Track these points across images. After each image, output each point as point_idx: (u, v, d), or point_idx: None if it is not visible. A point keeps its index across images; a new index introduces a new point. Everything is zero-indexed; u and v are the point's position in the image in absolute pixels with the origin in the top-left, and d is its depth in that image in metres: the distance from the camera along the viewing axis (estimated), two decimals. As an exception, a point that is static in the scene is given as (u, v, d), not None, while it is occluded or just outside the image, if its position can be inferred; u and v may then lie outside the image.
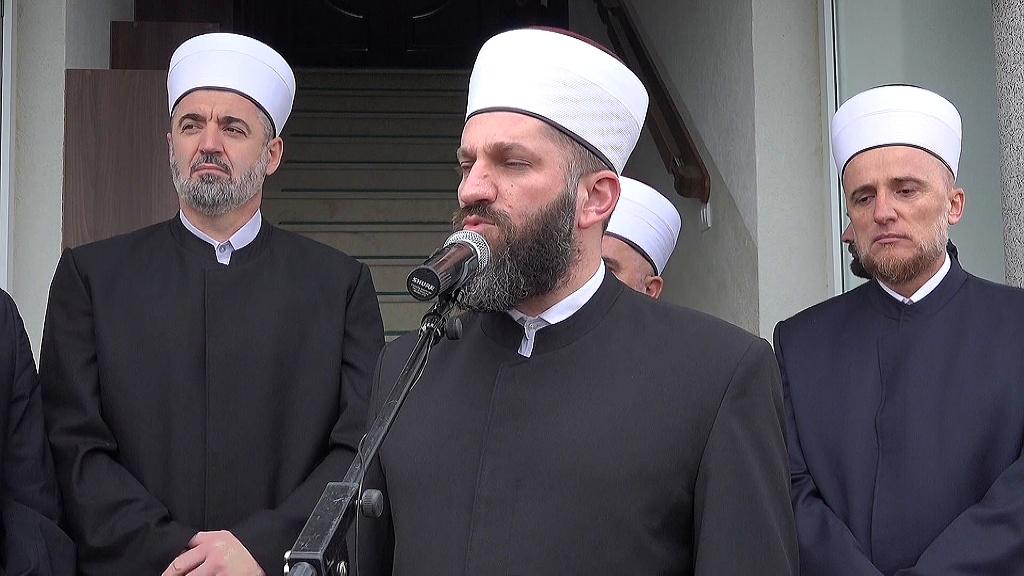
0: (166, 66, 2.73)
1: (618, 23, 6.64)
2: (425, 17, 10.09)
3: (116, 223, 4.26)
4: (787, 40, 4.49)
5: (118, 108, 4.31)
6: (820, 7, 4.47)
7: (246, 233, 2.67)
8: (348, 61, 9.57)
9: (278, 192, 7.54)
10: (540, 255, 1.70)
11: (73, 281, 2.61)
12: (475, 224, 1.70)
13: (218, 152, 2.57)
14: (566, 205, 1.71)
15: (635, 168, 3.07)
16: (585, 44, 1.76)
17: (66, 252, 2.71)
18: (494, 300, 1.69)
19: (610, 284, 1.79)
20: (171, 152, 2.68)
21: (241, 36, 2.70)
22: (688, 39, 5.48)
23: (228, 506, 2.52)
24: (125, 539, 2.46)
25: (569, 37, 1.76)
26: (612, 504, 1.63)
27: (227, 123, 2.59)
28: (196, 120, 2.60)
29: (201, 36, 2.70)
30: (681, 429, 1.66)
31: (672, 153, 5.32)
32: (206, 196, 2.59)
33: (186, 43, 2.70)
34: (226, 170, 2.59)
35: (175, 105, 2.66)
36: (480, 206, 1.70)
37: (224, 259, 2.65)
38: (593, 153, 1.74)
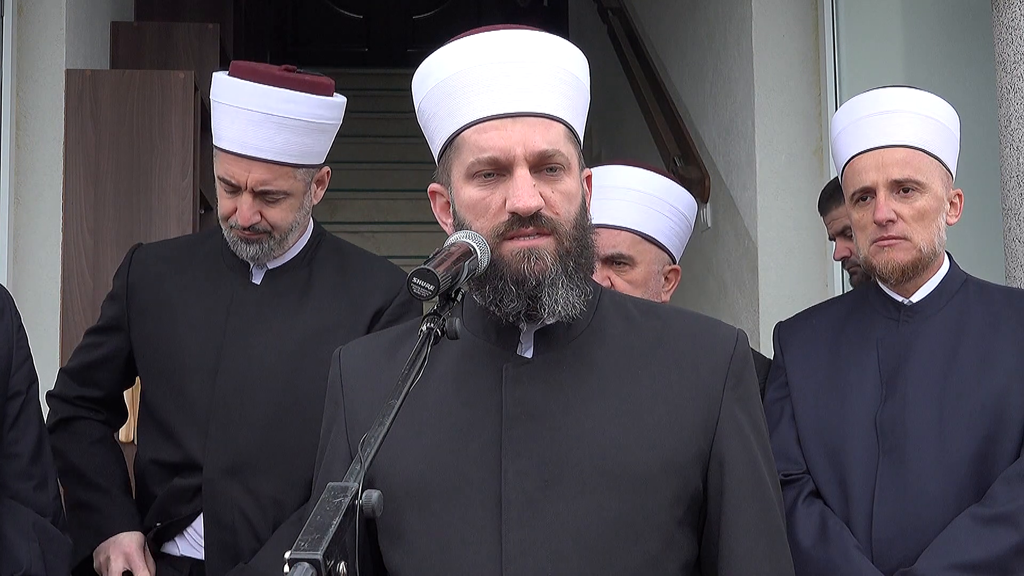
0: (166, 66, 2.71)
1: (618, 23, 6.64)
2: (425, 17, 10.09)
3: (116, 223, 4.26)
4: (787, 40, 4.49)
5: (118, 108, 4.32)
6: (820, 7, 4.47)
7: (288, 252, 2.63)
8: (348, 61, 9.56)
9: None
10: (586, 256, 1.72)
11: (121, 284, 2.69)
12: (534, 236, 1.67)
13: (256, 222, 2.52)
14: (585, 204, 1.75)
15: (635, 168, 3.06)
16: (567, 42, 1.77)
17: (131, 250, 2.74)
18: (572, 312, 1.69)
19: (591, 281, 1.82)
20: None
21: (284, 91, 2.50)
22: (688, 39, 5.48)
23: (225, 528, 2.52)
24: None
25: (555, 36, 1.77)
26: (646, 497, 1.67)
27: (262, 194, 2.51)
28: (231, 185, 2.51)
29: (239, 83, 2.50)
30: (694, 420, 1.71)
31: (672, 153, 5.32)
32: (244, 255, 2.56)
33: (226, 83, 2.51)
34: (267, 232, 2.53)
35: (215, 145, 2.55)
36: (535, 217, 1.68)
37: (257, 278, 2.62)
38: (582, 153, 1.79)
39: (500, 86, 1.72)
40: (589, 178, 1.81)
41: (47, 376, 2.67)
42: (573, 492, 1.66)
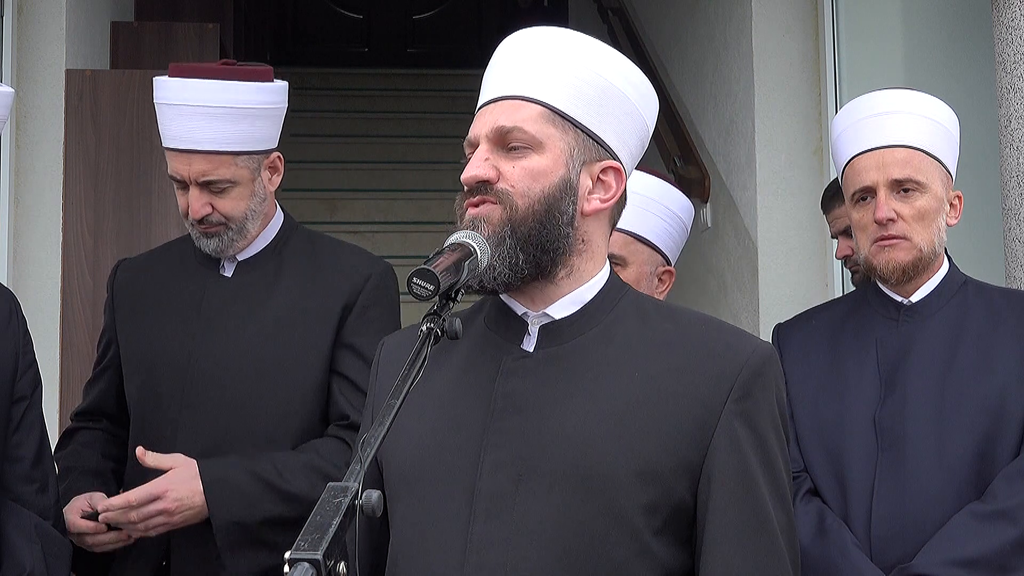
0: (166, 66, 2.70)
1: (618, 23, 6.64)
2: (425, 17, 10.09)
3: (116, 223, 4.26)
4: (787, 40, 4.49)
5: (118, 108, 4.32)
6: (820, 7, 4.47)
7: (256, 242, 2.66)
8: (348, 61, 9.57)
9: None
10: (541, 234, 1.70)
11: (108, 296, 2.77)
12: (477, 204, 1.71)
13: (208, 213, 2.56)
14: (568, 189, 1.72)
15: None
16: (597, 41, 1.79)
17: (116, 263, 2.82)
18: (494, 278, 1.69)
19: (615, 282, 1.79)
20: None
21: (212, 81, 2.55)
22: (688, 39, 5.48)
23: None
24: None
25: (579, 34, 1.79)
26: (614, 501, 1.63)
27: (207, 184, 2.56)
28: (179, 182, 2.58)
29: (174, 80, 2.58)
30: (684, 429, 1.66)
31: (672, 153, 5.32)
32: (207, 249, 2.61)
33: (162, 83, 2.59)
34: (223, 224, 2.58)
35: None
36: (482, 187, 1.71)
37: (228, 271, 2.65)
38: (597, 143, 1.76)
39: (498, 78, 1.77)
40: (617, 170, 1.77)
41: (47, 376, 2.68)
42: (543, 489, 1.64)
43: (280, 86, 2.64)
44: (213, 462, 2.50)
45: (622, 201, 1.80)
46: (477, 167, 1.71)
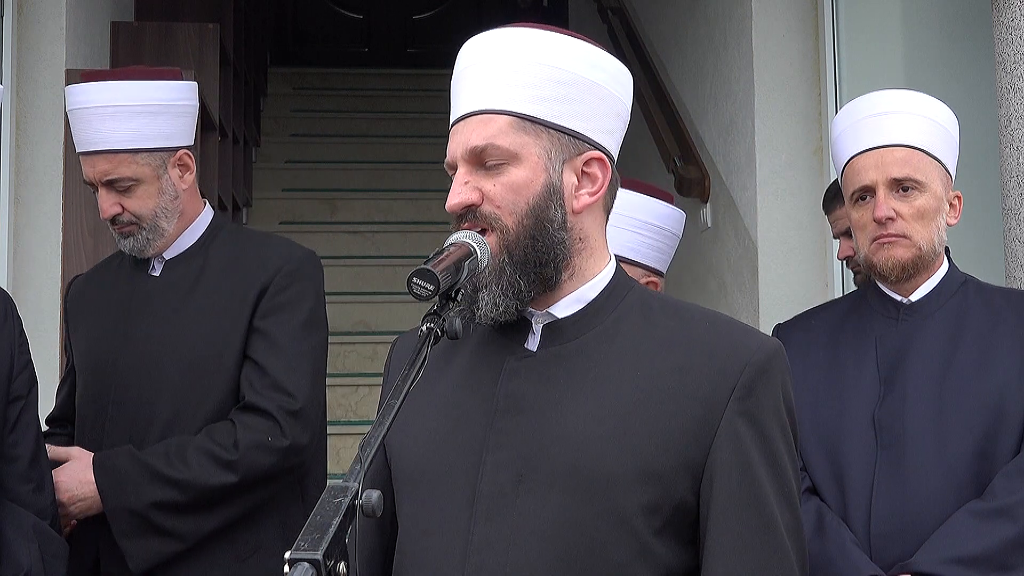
0: (166, 66, 2.74)
1: (618, 23, 6.64)
2: (425, 17, 10.09)
3: (116, 223, 4.26)
4: (787, 40, 4.49)
5: (118, 108, 4.30)
6: (820, 7, 4.47)
7: (183, 241, 2.72)
8: (348, 61, 9.58)
9: (278, 192, 7.54)
10: (536, 250, 1.69)
11: (62, 309, 2.91)
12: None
13: (118, 213, 2.64)
14: (553, 193, 1.70)
15: (636, 169, 3.06)
16: (553, 33, 1.75)
17: (70, 280, 2.92)
18: (504, 312, 1.69)
19: (621, 279, 1.77)
20: None
21: (108, 83, 2.65)
22: (688, 39, 5.48)
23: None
24: None
25: (536, 29, 1.75)
26: (614, 502, 1.62)
27: (111, 184, 2.63)
28: (91, 185, 2.67)
29: (75, 86, 2.67)
30: (686, 428, 1.64)
31: (672, 153, 5.32)
32: (126, 249, 2.69)
33: (70, 91, 2.69)
34: (135, 223, 2.64)
35: None
36: (469, 212, 1.70)
37: (157, 270, 2.72)
38: (574, 137, 1.73)
39: (464, 91, 1.75)
40: (600, 160, 1.74)
41: (47, 377, 2.70)
42: (543, 489, 1.64)
43: (184, 84, 2.70)
44: (106, 453, 2.58)
45: (613, 187, 1.78)
46: (459, 193, 1.70)
